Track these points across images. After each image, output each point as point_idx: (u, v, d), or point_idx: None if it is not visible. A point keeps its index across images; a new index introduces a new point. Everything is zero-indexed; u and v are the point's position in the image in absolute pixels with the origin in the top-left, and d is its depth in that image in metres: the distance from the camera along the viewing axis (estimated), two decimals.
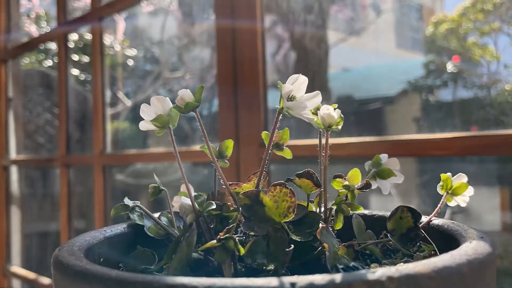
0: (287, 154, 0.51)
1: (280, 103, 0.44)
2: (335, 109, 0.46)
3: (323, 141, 0.48)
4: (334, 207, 0.47)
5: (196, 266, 0.44)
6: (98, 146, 1.57)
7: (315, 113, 0.47)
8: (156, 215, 0.52)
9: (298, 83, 0.45)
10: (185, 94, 0.46)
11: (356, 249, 0.42)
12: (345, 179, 0.48)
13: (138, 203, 0.51)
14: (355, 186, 0.47)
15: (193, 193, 0.53)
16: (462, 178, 0.50)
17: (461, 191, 0.50)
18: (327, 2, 4.04)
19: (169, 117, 0.45)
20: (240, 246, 0.37)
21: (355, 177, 0.47)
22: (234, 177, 1.12)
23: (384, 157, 0.52)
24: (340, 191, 0.48)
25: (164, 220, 0.52)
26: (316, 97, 0.45)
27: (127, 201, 0.50)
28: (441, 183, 0.51)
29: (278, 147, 0.51)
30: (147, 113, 0.46)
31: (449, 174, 0.51)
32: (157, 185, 0.51)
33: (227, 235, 0.38)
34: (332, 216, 0.47)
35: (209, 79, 4.91)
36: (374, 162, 0.52)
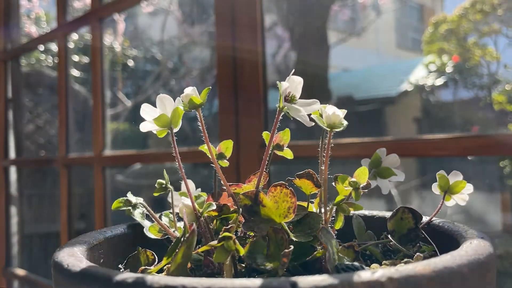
0: (288, 154, 0.51)
1: (280, 102, 0.44)
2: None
3: (324, 141, 0.48)
4: (335, 207, 0.47)
5: (196, 267, 0.44)
6: (98, 146, 1.57)
7: (320, 114, 0.47)
8: (156, 215, 0.52)
9: (294, 83, 0.45)
10: (191, 92, 0.46)
11: (356, 250, 0.41)
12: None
13: (141, 200, 0.50)
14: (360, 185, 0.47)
15: (194, 193, 0.53)
16: (457, 176, 0.49)
17: (459, 189, 0.49)
18: (328, 2, 4.04)
19: (172, 117, 0.44)
20: (239, 246, 0.37)
21: (362, 175, 0.47)
22: (234, 177, 1.12)
23: (382, 152, 0.51)
24: (345, 188, 0.47)
25: (165, 220, 0.52)
26: (314, 105, 0.45)
27: (130, 196, 0.50)
28: (437, 183, 0.50)
29: (279, 148, 0.50)
30: (149, 113, 0.45)
31: (442, 172, 0.50)
32: (164, 182, 0.51)
33: (227, 234, 0.38)
34: (333, 216, 0.47)
35: (209, 80, 4.92)
36: (373, 160, 0.51)
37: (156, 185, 0.52)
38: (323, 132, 0.49)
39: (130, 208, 0.50)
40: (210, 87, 0.46)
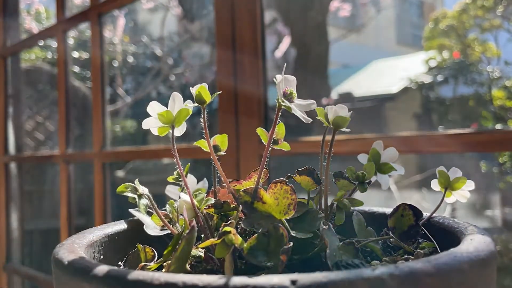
0: (285, 146, 0.51)
1: (278, 97, 0.44)
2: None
3: (327, 138, 0.48)
4: (335, 203, 0.47)
5: (196, 263, 0.44)
6: (98, 142, 1.57)
7: (325, 113, 0.47)
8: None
9: (288, 83, 0.45)
10: (202, 86, 0.46)
11: (356, 247, 0.41)
12: (345, 176, 0.48)
13: (146, 190, 0.50)
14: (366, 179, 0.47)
15: (194, 188, 0.53)
16: (457, 172, 0.49)
17: (460, 185, 0.49)
18: None
19: (176, 116, 0.44)
20: (240, 238, 0.37)
21: (371, 169, 0.47)
22: (234, 173, 1.12)
23: (379, 145, 0.50)
24: (351, 182, 0.47)
25: (168, 209, 0.51)
26: (311, 105, 0.45)
27: (137, 184, 0.50)
28: (437, 179, 0.49)
29: (274, 142, 0.50)
30: (156, 110, 0.45)
31: (442, 167, 0.49)
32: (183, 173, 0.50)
33: (227, 228, 0.38)
34: (334, 213, 0.47)
35: (208, 76, 4.91)
36: (372, 154, 0.50)
37: (174, 173, 0.52)
38: (326, 130, 0.48)
39: (135, 196, 0.49)
40: (221, 92, 0.46)
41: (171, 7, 5.25)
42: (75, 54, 4.35)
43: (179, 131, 0.46)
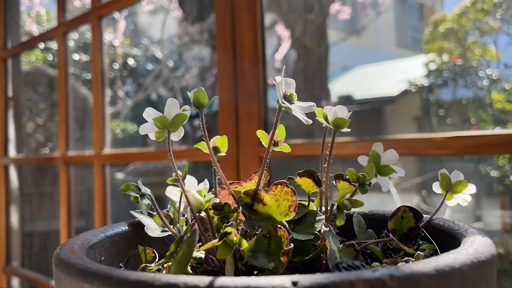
0: (285, 148, 0.51)
1: (279, 98, 0.44)
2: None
3: (327, 140, 0.48)
4: (336, 204, 0.47)
5: (196, 265, 0.44)
6: (98, 144, 1.57)
7: (325, 114, 0.47)
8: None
9: (287, 84, 0.45)
10: (199, 91, 0.46)
11: (357, 248, 0.41)
12: (346, 178, 0.48)
13: (149, 191, 0.50)
14: (368, 181, 0.47)
15: (195, 189, 0.53)
16: (459, 175, 0.49)
17: (461, 189, 0.48)
18: (328, 1, 4.03)
19: (172, 121, 0.45)
20: (243, 239, 0.37)
21: (371, 170, 0.47)
22: (234, 176, 1.12)
23: (379, 147, 0.50)
24: (352, 184, 0.47)
25: (171, 210, 0.52)
26: (311, 107, 0.46)
27: (140, 184, 0.50)
28: (438, 182, 0.49)
29: (275, 144, 0.50)
30: (151, 115, 0.45)
31: (444, 170, 0.50)
32: (181, 174, 0.50)
33: (228, 229, 0.38)
34: (334, 215, 0.47)
35: (209, 78, 4.91)
36: (372, 156, 0.50)
37: (173, 174, 0.52)
38: (325, 131, 0.49)
39: (138, 195, 0.49)
40: (220, 95, 0.47)
41: (171, 9, 5.25)
42: (76, 56, 4.35)
43: (177, 135, 0.46)
